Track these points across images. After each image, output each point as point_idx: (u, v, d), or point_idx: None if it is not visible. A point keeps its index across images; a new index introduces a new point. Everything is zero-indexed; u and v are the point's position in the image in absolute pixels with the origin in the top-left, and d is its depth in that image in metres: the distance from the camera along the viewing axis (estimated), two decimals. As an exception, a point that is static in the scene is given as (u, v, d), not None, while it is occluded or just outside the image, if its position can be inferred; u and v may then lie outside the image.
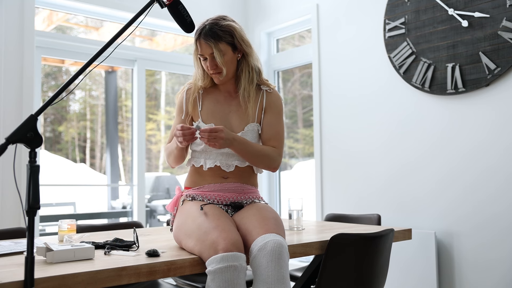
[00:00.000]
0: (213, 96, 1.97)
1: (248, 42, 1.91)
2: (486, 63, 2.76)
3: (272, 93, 1.99)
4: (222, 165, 1.88)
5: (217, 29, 1.83)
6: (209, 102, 1.96)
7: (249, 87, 1.92)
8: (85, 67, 1.35)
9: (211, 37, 1.82)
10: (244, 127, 1.90)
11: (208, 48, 1.83)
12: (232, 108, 1.94)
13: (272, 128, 1.95)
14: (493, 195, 2.75)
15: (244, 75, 1.92)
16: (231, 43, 1.86)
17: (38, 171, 1.17)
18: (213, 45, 1.82)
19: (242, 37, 1.88)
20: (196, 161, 1.92)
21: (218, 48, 1.82)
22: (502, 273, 2.70)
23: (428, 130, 3.07)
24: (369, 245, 1.82)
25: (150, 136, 6.67)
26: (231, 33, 1.85)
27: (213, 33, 1.82)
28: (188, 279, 2.31)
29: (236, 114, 1.93)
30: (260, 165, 1.92)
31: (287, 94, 4.56)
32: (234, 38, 1.86)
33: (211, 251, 1.51)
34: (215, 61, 1.85)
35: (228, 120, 1.92)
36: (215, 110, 1.93)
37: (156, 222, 5.72)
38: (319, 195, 3.72)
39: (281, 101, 2.02)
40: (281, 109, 2.00)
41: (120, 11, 3.73)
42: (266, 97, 1.97)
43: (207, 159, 1.89)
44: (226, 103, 1.95)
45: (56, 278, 1.24)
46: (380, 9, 3.34)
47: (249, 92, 1.91)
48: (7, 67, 3.18)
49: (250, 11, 4.44)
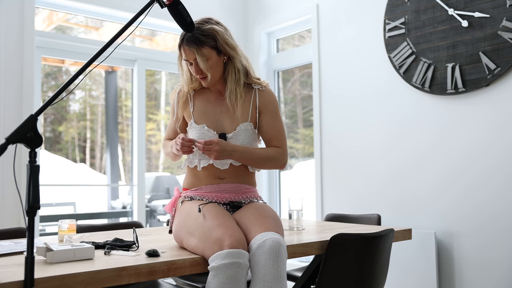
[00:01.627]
0: (204, 96, 1.97)
1: (232, 44, 1.88)
2: (486, 63, 2.76)
3: (265, 91, 1.97)
4: (215, 163, 1.87)
5: (199, 34, 1.81)
6: (200, 103, 1.96)
7: (236, 89, 1.89)
8: (85, 67, 1.35)
9: (193, 43, 1.81)
10: (235, 127, 1.90)
11: (191, 54, 1.83)
12: (223, 108, 1.93)
13: (271, 127, 1.95)
14: (493, 195, 2.75)
15: (230, 77, 1.90)
16: (215, 47, 1.84)
17: (38, 171, 1.16)
18: (196, 50, 1.81)
19: (225, 40, 1.85)
20: (191, 162, 1.92)
21: (201, 54, 1.81)
22: (502, 273, 2.70)
23: (428, 130, 3.07)
24: (369, 245, 1.82)
25: (150, 136, 6.67)
26: (213, 37, 1.83)
27: (195, 39, 1.81)
28: (188, 279, 2.31)
29: (227, 115, 1.92)
30: (266, 168, 1.95)
31: (287, 94, 4.56)
32: (217, 41, 1.84)
33: (215, 247, 1.51)
34: (199, 66, 1.85)
35: (220, 120, 1.92)
36: (207, 111, 1.94)
37: (156, 222, 5.72)
38: (319, 195, 3.72)
39: (275, 97, 2.00)
40: (277, 106, 1.99)
41: (120, 11, 3.73)
42: (259, 95, 1.95)
43: (202, 159, 1.89)
44: (217, 104, 1.95)
45: (56, 278, 1.24)
46: (380, 9, 3.34)
47: (236, 93, 1.89)
48: (7, 67, 3.18)
49: (250, 11, 4.44)
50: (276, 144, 1.95)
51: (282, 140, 1.97)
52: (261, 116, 1.95)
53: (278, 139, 1.96)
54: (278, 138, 1.96)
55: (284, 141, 1.97)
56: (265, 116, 1.95)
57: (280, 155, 1.94)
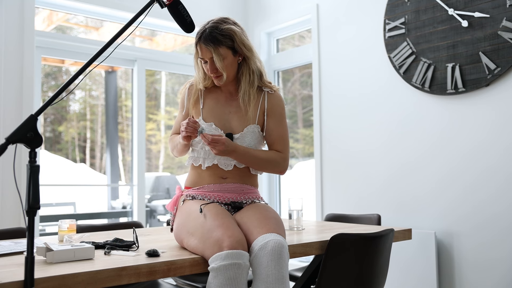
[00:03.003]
0: (215, 95, 1.97)
1: (249, 45, 1.89)
2: (486, 63, 2.76)
3: (274, 95, 1.98)
4: (220, 164, 1.87)
5: (217, 33, 1.82)
6: (210, 101, 1.96)
7: (249, 90, 1.91)
8: (85, 67, 1.35)
9: (211, 42, 1.81)
10: (243, 128, 1.90)
11: (208, 52, 1.83)
12: (232, 109, 1.94)
13: (275, 132, 1.96)
14: (493, 195, 2.75)
15: (244, 78, 1.91)
16: (232, 47, 1.84)
17: (38, 171, 1.16)
18: (213, 49, 1.81)
19: (243, 41, 1.87)
20: (195, 160, 1.92)
21: (218, 53, 1.82)
22: (502, 273, 2.70)
23: (428, 130, 3.07)
24: (369, 245, 1.82)
25: (150, 136, 6.67)
26: (231, 37, 1.84)
27: (213, 38, 1.81)
28: (188, 279, 2.31)
29: (236, 115, 1.92)
30: (266, 171, 1.95)
31: (287, 94, 4.56)
32: (234, 42, 1.84)
33: (215, 248, 1.51)
34: (215, 65, 1.85)
35: (228, 120, 1.92)
36: (216, 110, 1.94)
37: (156, 222, 5.72)
38: (319, 195, 3.72)
39: (283, 103, 2.02)
40: (283, 112, 2.00)
41: (120, 11, 3.74)
42: (267, 99, 1.96)
43: (206, 158, 1.89)
44: (226, 104, 1.95)
45: (56, 278, 1.24)
46: (380, 9, 3.34)
47: (250, 95, 1.91)
48: (7, 67, 3.18)
49: (250, 11, 4.45)
50: (278, 148, 1.95)
51: (284, 145, 1.97)
52: (267, 120, 1.96)
53: (280, 143, 1.96)
54: (281, 143, 1.96)
55: (286, 147, 1.97)
56: (271, 119, 1.96)
57: (281, 159, 1.94)
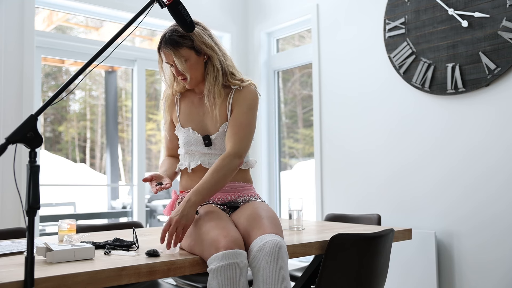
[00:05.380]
0: (189, 98, 1.98)
1: (210, 43, 1.85)
2: (486, 63, 2.76)
3: (242, 90, 1.89)
4: (203, 163, 1.87)
5: (176, 36, 1.80)
6: (185, 105, 1.97)
7: (213, 88, 1.86)
8: (85, 67, 1.35)
9: (170, 45, 1.80)
10: (218, 127, 1.88)
11: (170, 56, 1.83)
12: (205, 109, 1.92)
13: (233, 121, 1.84)
14: (493, 195, 2.75)
15: (209, 77, 1.87)
16: (192, 47, 1.82)
17: (38, 171, 1.16)
18: (173, 52, 1.80)
19: (203, 39, 1.83)
20: (182, 164, 1.94)
21: (179, 55, 1.81)
22: (502, 273, 2.70)
23: (428, 130, 3.07)
24: (369, 245, 1.82)
25: (150, 136, 6.67)
26: (190, 37, 1.81)
27: (172, 40, 1.80)
28: (188, 279, 2.31)
29: (209, 116, 1.91)
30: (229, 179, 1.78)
31: (287, 94, 4.56)
32: (194, 42, 1.82)
33: (212, 249, 1.51)
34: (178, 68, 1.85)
35: (204, 121, 1.92)
36: (191, 113, 1.94)
37: (156, 222, 5.72)
38: (319, 195, 3.72)
39: (252, 95, 1.89)
40: (250, 103, 1.87)
41: (120, 11, 3.74)
42: (234, 95, 1.89)
43: (191, 161, 1.90)
44: (200, 105, 1.94)
45: (56, 278, 1.24)
46: (380, 9, 3.34)
47: (214, 93, 1.86)
48: (7, 67, 3.18)
49: (250, 11, 4.44)
50: (232, 140, 1.81)
51: (241, 135, 1.81)
52: (232, 113, 1.88)
53: (237, 133, 1.81)
54: (237, 133, 1.81)
55: (243, 136, 1.81)
56: (234, 111, 1.86)
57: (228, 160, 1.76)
